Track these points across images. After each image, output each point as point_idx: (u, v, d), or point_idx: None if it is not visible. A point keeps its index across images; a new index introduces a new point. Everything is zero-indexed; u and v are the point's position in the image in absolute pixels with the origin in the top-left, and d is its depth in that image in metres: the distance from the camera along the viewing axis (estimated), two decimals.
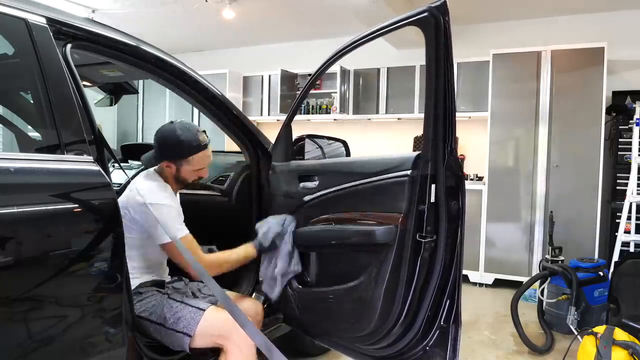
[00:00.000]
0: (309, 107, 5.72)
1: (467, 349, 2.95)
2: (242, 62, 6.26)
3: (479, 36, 5.00)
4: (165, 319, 1.70)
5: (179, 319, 1.69)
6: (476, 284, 4.44)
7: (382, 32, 1.70)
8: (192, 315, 1.69)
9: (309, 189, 1.99)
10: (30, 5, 1.42)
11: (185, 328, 1.67)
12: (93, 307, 1.38)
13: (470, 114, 4.77)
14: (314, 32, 5.57)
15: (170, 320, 1.69)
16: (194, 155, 1.83)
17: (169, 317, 1.70)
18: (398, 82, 5.21)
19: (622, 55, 4.40)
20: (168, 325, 1.69)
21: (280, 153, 2.19)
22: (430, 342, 1.68)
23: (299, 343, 2.55)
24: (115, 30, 1.74)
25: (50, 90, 1.36)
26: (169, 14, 5.11)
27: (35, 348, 1.23)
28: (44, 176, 1.33)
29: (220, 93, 2.16)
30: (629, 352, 2.27)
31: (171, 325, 1.69)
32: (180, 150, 1.81)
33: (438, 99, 1.56)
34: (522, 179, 4.28)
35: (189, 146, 1.81)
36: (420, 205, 1.60)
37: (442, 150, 1.59)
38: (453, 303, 1.65)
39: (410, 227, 1.61)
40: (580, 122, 4.08)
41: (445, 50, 1.52)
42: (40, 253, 1.25)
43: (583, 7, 4.53)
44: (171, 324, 1.69)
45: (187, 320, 1.68)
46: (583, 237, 4.02)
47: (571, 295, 3.08)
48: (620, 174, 4.17)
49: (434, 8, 1.52)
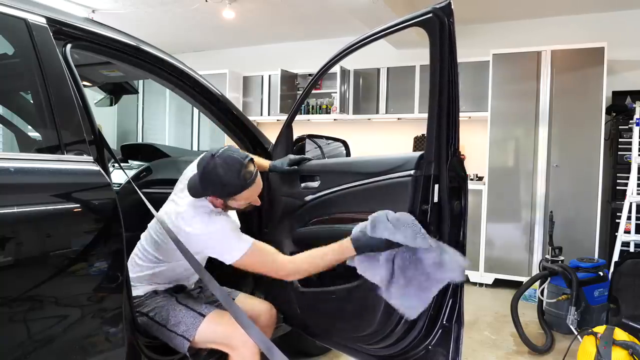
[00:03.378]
0: (309, 107, 5.72)
1: (467, 349, 2.94)
2: (242, 62, 6.25)
3: (479, 36, 4.99)
4: (167, 321, 1.71)
5: (180, 322, 1.69)
6: (476, 284, 4.44)
7: (387, 33, 1.70)
8: (192, 320, 1.69)
9: (310, 189, 1.99)
10: (30, 5, 1.42)
11: (185, 332, 1.67)
12: (93, 307, 1.38)
13: (470, 114, 4.77)
14: (314, 32, 5.57)
15: (171, 322, 1.70)
16: (239, 194, 1.67)
17: (171, 319, 1.71)
18: (398, 82, 5.21)
19: (622, 55, 4.40)
20: (169, 327, 1.70)
21: (280, 153, 2.18)
22: (433, 342, 1.68)
23: (299, 343, 2.55)
24: (115, 30, 1.74)
25: (50, 90, 1.36)
26: (169, 14, 5.10)
27: (35, 348, 1.23)
28: (44, 176, 1.33)
29: (220, 93, 2.16)
30: (629, 352, 2.27)
31: (171, 328, 1.69)
32: (222, 191, 1.65)
33: (442, 100, 1.55)
34: (522, 179, 4.28)
35: (233, 187, 1.64)
36: (423, 205, 1.60)
37: (446, 151, 1.59)
38: (455, 302, 1.65)
39: None
40: (580, 122, 4.08)
41: (449, 51, 1.52)
42: (40, 253, 1.25)
43: (583, 7, 4.53)
44: (172, 326, 1.69)
45: (187, 325, 1.68)
46: (583, 237, 4.02)
47: (571, 295, 3.08)
48: (620, 174, 4.16)
49: (439, 9, 1.51)
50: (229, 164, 1.62)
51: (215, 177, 1.61)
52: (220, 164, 1.61)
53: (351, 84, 5.41)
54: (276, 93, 5.67)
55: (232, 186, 1.63)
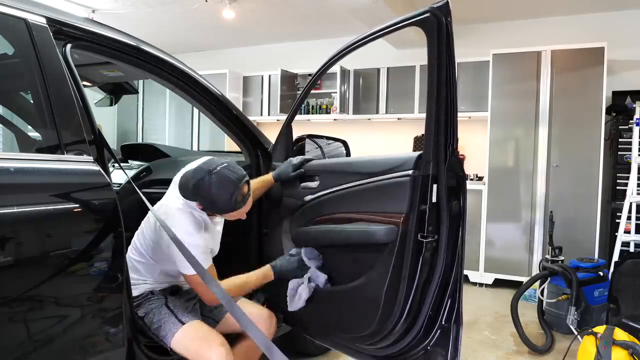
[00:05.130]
0: (309, 107, 5.72)
1: (467, 349, 2.94)
2: (242, 62, 6.25)
3: (479, 36, 4.99)
4: (151, 323, 1.73)
5: (161, 327, 1.71)
6: (476, 284, 4.44)
7: (384, 33, 1.70)
8: (171, 326, 1.70)
9: (310, 189, 1.99)
10: (30, 5, 1.42)
11: (164, 338, 1.69)
12: (93, 307, 1.38)
13: (470, 114, 4.77)
14: (314, 32, 5.57)
15: (155, 326, 1.72)
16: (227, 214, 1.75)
17: (154, 322, 1.72)
18: (398, 82, 5.21)
19: (622, 55, 4.40)
20: (152, 330, 1.72)
21: (280, 153, 2.18)
22: (432, 342, 1.68)
23: (299, 343, 2.55)
24: (115, 30, 1.73)
25: (50, 90, 1.36)
26: (169, 14, 5.10)
27: (35, 348, 1.23)
28: (44, 176, 1.33)
29: (220, 93, 2.16)
30: (629, 352, 2.27)
31: (154, 331, 1.71)
32: (211, 207, 1.71)
33: (440, 100, 1.55)
34: (522, 179, 4.28)
35: (222, 207, 1.69)
36: (421, 205, 1.60)
37: (444, 151, 1.59)
38: (454, 303, 1.65)
39: (411, 227, 1.61)
40: (580, 122, 4.08)
41: (447, 51, 1.52)
42: (40, 253, 1.25)
43: (583, 7, 4.53)
44: (154, 329, 1.71)
45: (166, 331, 1.69)
46: (583, 237, 4.02)
47: (571, 295, 3.08)
48: (620, 174, 4.16)
49: (436, 9, 1.51)
50: (223, 185, 1.64)
51: (207, 194, 1.65)
52: (215, 183, 1.64)
53: (351, 84, 5.41)
54: (276, 93, 5.67)
55: (221, 206, 1.69)
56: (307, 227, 1.98)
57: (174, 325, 1.70)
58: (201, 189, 1.65)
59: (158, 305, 1.77)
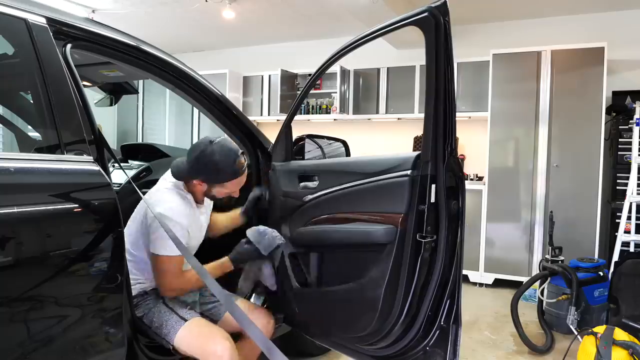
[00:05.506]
0: (309, 107, 5.72)
1: (467, 349, 2.95)
2: (242, 62, 6.25)
3: (479, 36, 5.00)
4: (151, 322, 1.72)
5: (162, 325, 1.70)
6: (476, 284, 4.44)
7: (382, 32, 1.70)
8: (173, 323, 1.70)
9: (309, 189, 1.99)
10: (30, 5, 1.42)
11: (166, 335, 1.69)
12: (93, 307, 1.38)
13: (470, 114, 4.77)
14: (314, 32, 5.57)
15: (155, 324, 1.72)
16: (229, 181, 1.80)
17: (155, 321, 1.72)
18: (398, 82, 5.21)
19: (622, 55, 4.40)
20: (153, 329, 1.72)
21: (280, 153, 2.19)
22: (431, 342, 1.68)
23: (299, 343, 2.55)
24: (115, 30, 1.74)
25: (50, 90, 1.36)
26: (169, 14, 5.11)
27: (35, 348, 1.23)
28: (44, 176, 1.33)
29: (220, 93, 2.16)
30: (629, 352, 2.27)
31: (155, 330, 1.71)
32: (215, 176, 1.76)
33: (438, 100, 1.55)
34: (522, 179, 4.28)
35: (226, 174, 1.76)
36: (420, 205, 1.60)
37: (443, 151, 1.59)
38: (453, 303, 1.65)
39: (410, 227, 1.61)
40: (580, 122, 4.08)
41: (445, 51, 1.52)
42: (40, 253, 1.25)
43: (583, 7, 4.53)
44: (155, 328, 1.71)
45: (168, 329, 1.69)
46: (583, 237, 4.02)
47: (571, 295, 3.08)
48: (620, 174, 4.16)
49: (434, 8, 1.51)
50: (225, 152, 1.73)
51: (211, 162, 1.71)
52: (218, 151, 1.71)
53: (351, 84, 5.41)
54: (276, 93, 5.67)
55: (226, 173, 1.74)
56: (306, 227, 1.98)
57: (176, 322, 1.69)
58: (204, 158, 1.72)
59: (156, 304, 1.77)
